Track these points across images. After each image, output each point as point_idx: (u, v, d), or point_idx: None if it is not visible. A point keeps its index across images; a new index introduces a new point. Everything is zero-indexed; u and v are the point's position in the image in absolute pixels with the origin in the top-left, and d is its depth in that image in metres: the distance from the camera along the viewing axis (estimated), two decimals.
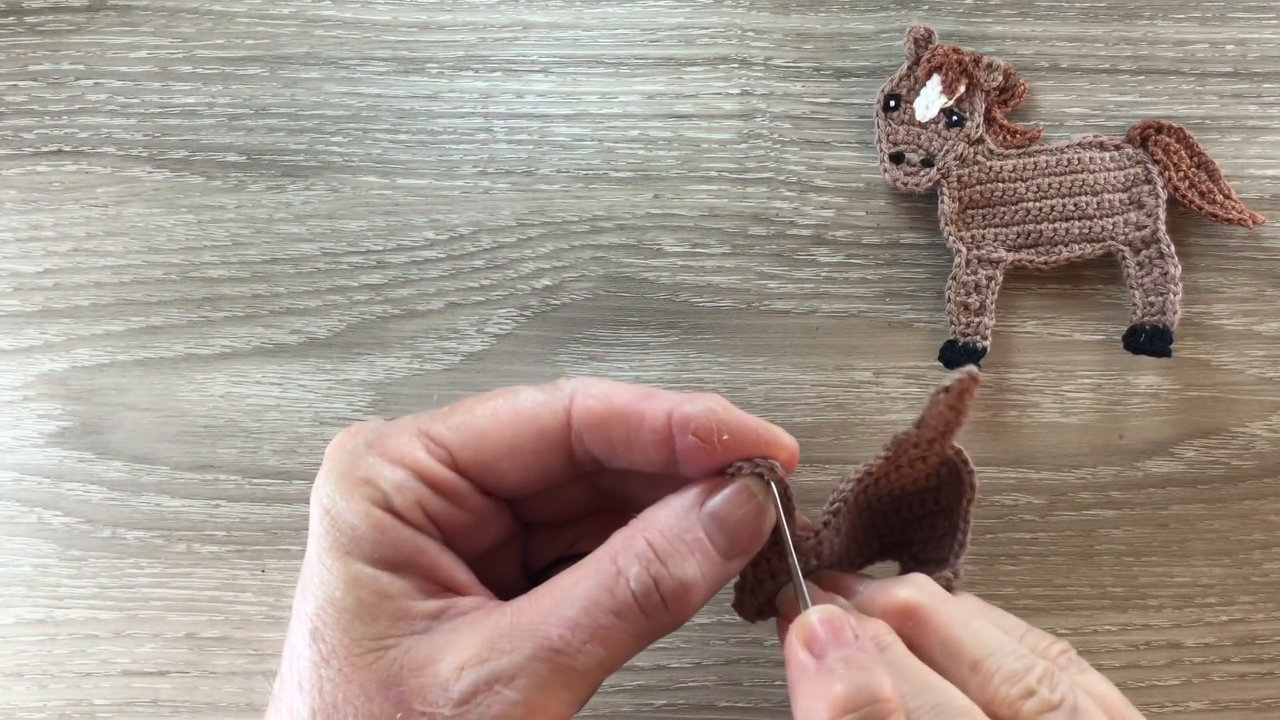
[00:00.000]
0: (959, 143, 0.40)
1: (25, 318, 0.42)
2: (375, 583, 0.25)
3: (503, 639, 0.25)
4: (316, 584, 0.25)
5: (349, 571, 0.25)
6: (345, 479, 0.26)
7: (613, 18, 0.42)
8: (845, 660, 0.25)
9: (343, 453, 0.27)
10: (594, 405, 0.27)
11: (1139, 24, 0.41)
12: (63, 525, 0.41)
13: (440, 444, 0.26)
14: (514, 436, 0.26)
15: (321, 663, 0.25)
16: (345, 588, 0.25)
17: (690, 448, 0.26)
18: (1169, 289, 0.39)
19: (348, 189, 0.42)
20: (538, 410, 0.27)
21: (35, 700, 0.41)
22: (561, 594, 0.25)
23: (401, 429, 0.27)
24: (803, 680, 0.25)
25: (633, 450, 0.27)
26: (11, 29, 0.42)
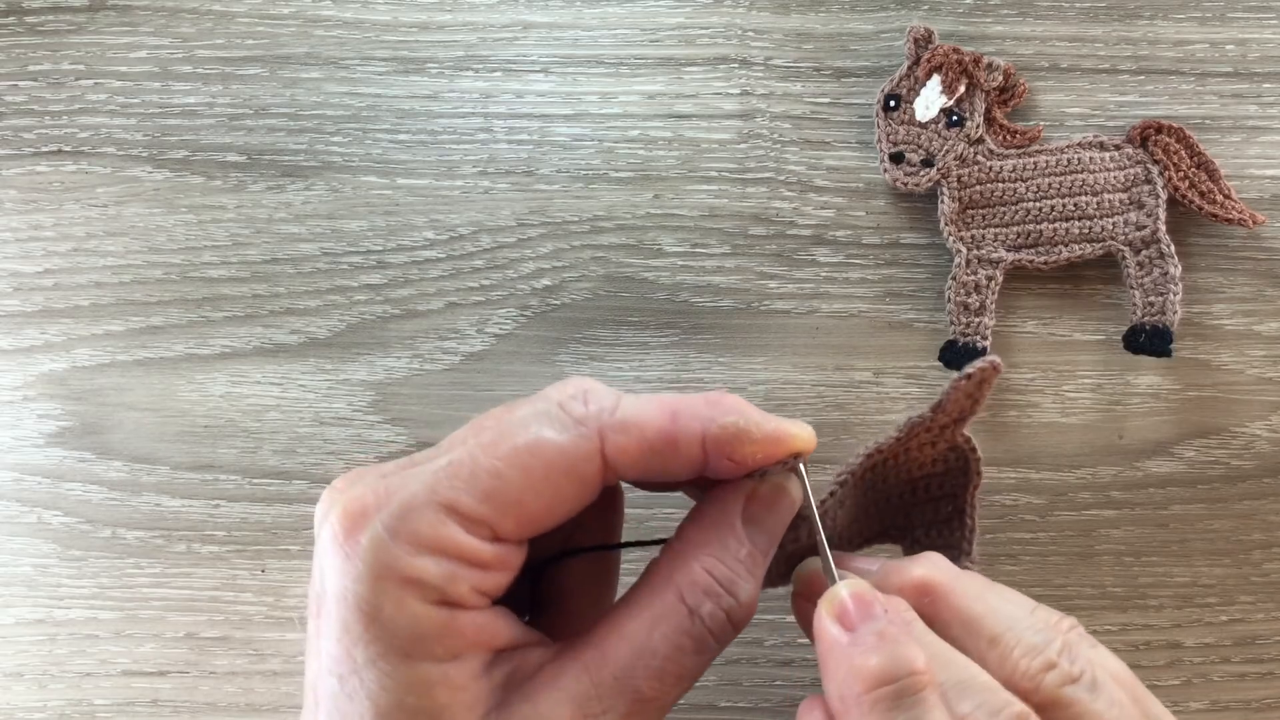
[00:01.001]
0: (959, 143, 0.40)
1: (25, 318, 0.42)
2: (445, 679, 0.24)
3: (592, 701, 0.24)
4: (376, 689, 0.23)
5: (416, 675, 0.23)
6: (384, 581, 0.23)
7: (613, 18, 0.42)
8: (878, 634, 0.25)
9: (364, 548, 0.24)
10: (628, 445, 0.25)
11: (1139, 24, 0.41)
12: (63, 525, 0.41)
13: (477, 520, 0.24)
14: (553, 494, 0.25)
15: None
16: (419, 691, 0.23)
17: (725, 469, 0.26)
18: (1169, 289, 0.39)
19: (348, 189, 0.42)
20: (573, 462, 0.25)
21: (35, 700, 0.41)
22: (639, 643, 0.25)
23: (422, 505, 0.24)
24: (834, 654, 0.25)
25: (665, 474, 0.26)
26: (11, 29, 0.42)
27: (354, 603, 0.23)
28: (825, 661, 0.25)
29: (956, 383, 0.28)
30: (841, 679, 0.24)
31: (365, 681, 0.23)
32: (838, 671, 0.25)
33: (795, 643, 0.41)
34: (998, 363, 0.28)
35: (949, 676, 0.24)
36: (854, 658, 0.24)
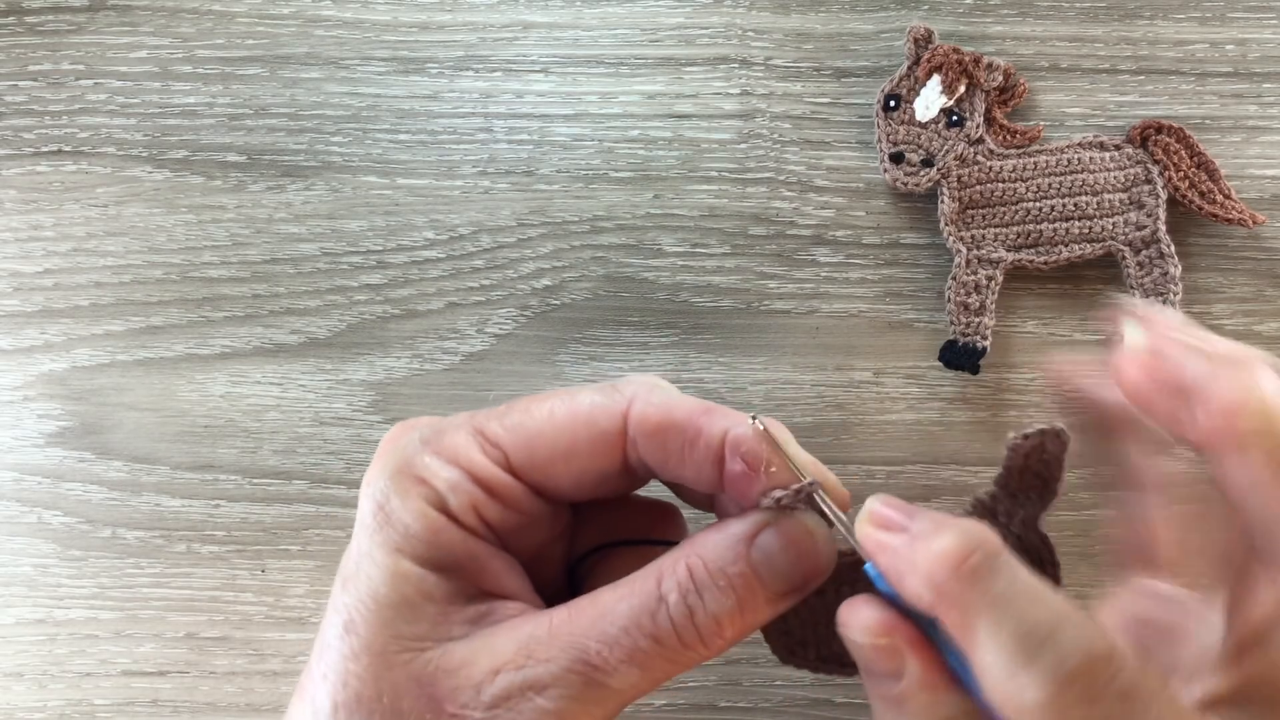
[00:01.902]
0: (959, 143, 0.40)
1: (25, 318, 0.42)
2: (422, 584, 0.25)
3: (540, 647, 0.24)
4: (362, 577, 0.25)
5: (397, 569, 0.25)
6: (401, 476, 0.25)
7: (613, 18, 0.42)
8: (932, 521, 0.24)
9: (397, 448, 0.26)
10: (652, 413, 0.26)
11: (1139, 24, 0.41)
12: (63, 525, 0.41)
13: (495, 444, 0.26)
14: (570, 439, 0.26)
15: (352, 657, 0.24)
16: (391, 585, 0.25)
17: (736, 474, 0.26)
18: (1169, 289, 0.39)
19: (348, 189, 0.42)
20: (595, 413, 0.26)
21: (35, 700, 0.41)
22: (604, 609, 0.25)
23: (458, 426, 0.26)
24: (901, 555, 0.24)
25: (685, 465, 0.26)
26: (11, 29, 0.42)
27: (372, 494, 0.25)
28: (895, 567, 0.24)
29: (1015, 444, 0.26)
30: (925, 571, 0.23)
31: (360, 567, 0.25)
32: (910, 572, 0.23)
33: None
34: (1063, 434, 0.26)
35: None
36: (927, 545, 0.23)
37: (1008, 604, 0.22)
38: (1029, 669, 0.21)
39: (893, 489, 0.41)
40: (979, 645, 0.22)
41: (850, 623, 0.25)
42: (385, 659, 0.24)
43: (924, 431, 0.41)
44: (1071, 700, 0.21)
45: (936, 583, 0.22)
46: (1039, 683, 0.21)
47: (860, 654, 0.25)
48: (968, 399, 0.41)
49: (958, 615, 0.22)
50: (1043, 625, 0.21)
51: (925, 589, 0.23)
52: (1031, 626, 0.21)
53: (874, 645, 0.24)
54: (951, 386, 0.41)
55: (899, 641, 0.24)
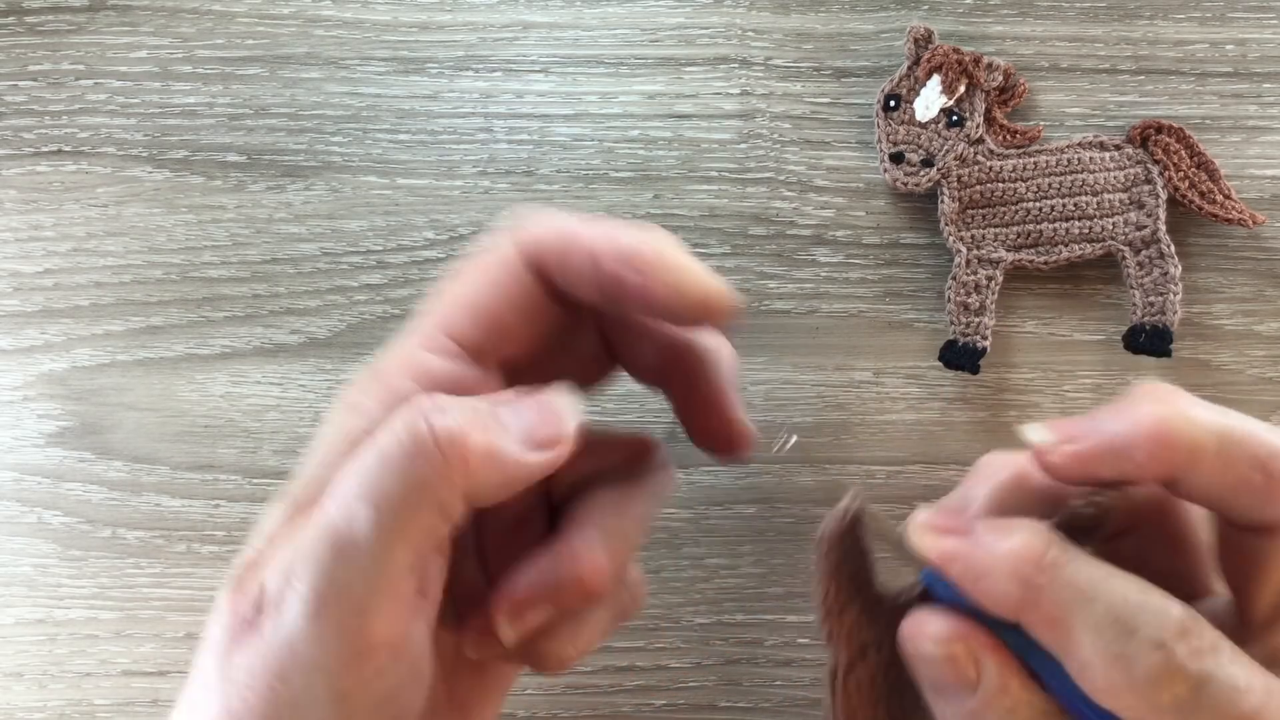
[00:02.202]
0: (959, 143, 0.40)
1: (25, 318, 0.42)
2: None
3: (297, 530, 0.22)
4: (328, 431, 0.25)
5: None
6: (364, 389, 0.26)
7: (613, 18, 0.42)
8: (990, 522, 0.23)
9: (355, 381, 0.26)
10: (538, 233, 0.25)
11: (1139, 24, 0.41)
12: (63, 525, 0.41)
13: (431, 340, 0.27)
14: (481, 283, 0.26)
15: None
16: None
17: (634, 283, 0.24)
18: (1169, 289, 0.39)
19: (348, 189, 0.42)
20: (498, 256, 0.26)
21: (35, 700, 0.41)
22: (344, 469, 0.22)
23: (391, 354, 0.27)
24: (973, 559, 0.23)
25: (570, 273, 0.25)
26: (11, 29, 0.42)
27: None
28: (969, 572, 0.23)
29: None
30: (1009, 571, 0.22)
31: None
32: (996, 569, 0.22)
33: (795, 643, 0.41)
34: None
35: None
36: (1004, 545, 0.22)
37: (1094, 589, 0.22)
38: (1133, 641, 0.21)
39: (893, 489, 0.41)
40: (1075, 635, 0.21)
41: (919, 633, 0.24)
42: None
43: (924, 431, 0.41)
44: (1180, 662, 0.21)
45: (1025, 579, 0.22)
46: (1146, 652, 0.21)
47: (932, 669, 0.24)
48: (968, 399, 0.41)
49: (1050, 609, 0.22)
50: (1131, 602, 0.21)
51: (1013, 587, 0.22)
52: (1121, 605, 0.21)
53: (948, 655, 0.23)
54: (951, 386, 0.41)
55: (975, 645, 0.23)
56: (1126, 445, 0.23)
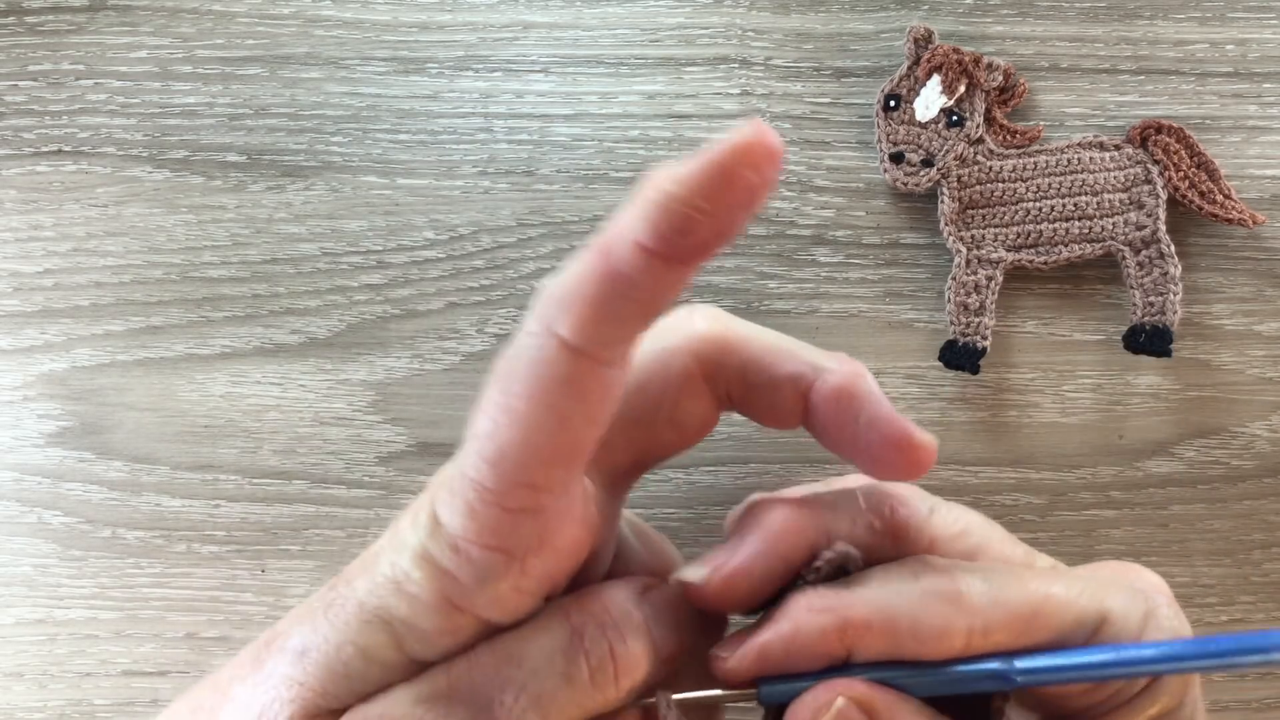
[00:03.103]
0: (959, 143, 0.40)
1: (25, 318, 0.42)
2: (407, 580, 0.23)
3: (440, 702, 0.22)
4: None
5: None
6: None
7: (613, 18, 0.42)
8: (762, 619, 0.24)
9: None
10: (717, 332, 0.25)
11: (1139, 24, 0.41)
12: (63, 525, 0.41)
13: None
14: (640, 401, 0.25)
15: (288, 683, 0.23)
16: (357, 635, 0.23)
17: (821, 420, 0.25)
18: (1169, 289, 0.39)
19: (348, 189, 0.42)
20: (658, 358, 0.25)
21: (35, 700, 0.41)
22: (507, 654, 0.22)
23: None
24: (776, 644, 0.23)
25: (767, 397, 0.25)
26: (11, 29, 0.42)
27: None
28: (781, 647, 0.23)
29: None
30: (805, 623, 0.23)
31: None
32: (798, 630, 0.23)
33: None
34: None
35: None
36: (786, 618, 0.24)
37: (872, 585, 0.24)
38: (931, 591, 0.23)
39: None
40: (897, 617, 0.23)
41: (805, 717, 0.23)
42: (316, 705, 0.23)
43: None
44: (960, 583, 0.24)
45: (825, 610, 0.23)
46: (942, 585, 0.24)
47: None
48: (968, 399, 0.41)
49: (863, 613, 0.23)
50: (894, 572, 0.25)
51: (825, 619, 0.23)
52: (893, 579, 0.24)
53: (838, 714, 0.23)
54: (951, 386, 0.41)
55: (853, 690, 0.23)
56: (770, 548, 0.24)
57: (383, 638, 0.22)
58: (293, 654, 0.23)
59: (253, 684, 0.23)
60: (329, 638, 0.23)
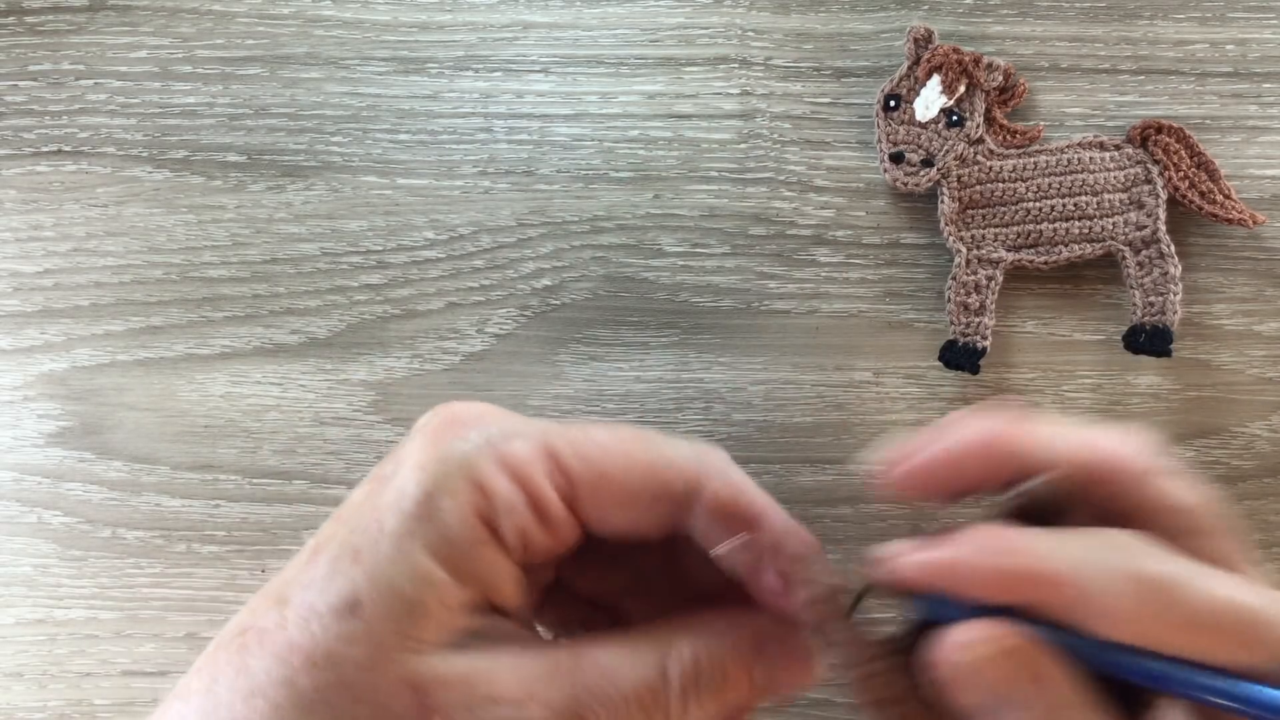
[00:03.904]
0: (959, 143, 0.40)
1: (25, 318, 0.42)
2: (444, 591, 0.24)
3: (541, 687, 0.23)
4: (382, 560, 0.24)
5: (422, 567, 0.24)
6: (459, 474, 0.24)
7: (613, 18, 0.42)
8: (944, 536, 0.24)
9: (454, 442, 0.25)
10: (725, 494, 0.25)
11: (1139, 24, 0.41)
12: (63, 525, 0.41)
13: (565, 473, 0.25)
14: (637, 492, 0.25)
15: (350, 640, 0.23)
16: (413, 581, 0.23)
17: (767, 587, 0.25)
18: (1169, 289, 0.39)
19: (348, 189, 0.42)
20: (667, 468, 0.25)
21: (35, 700, 0.41)
22: (608, 669, 0.24)
23: (529, 436, 0.25)
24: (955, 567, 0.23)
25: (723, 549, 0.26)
26: (11, 29, 0.42)
27: (422, 480, 0.24)
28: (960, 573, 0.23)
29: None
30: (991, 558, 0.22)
31: (383, 550, 0.24)
32: (983, 561, 0.22)
33: None
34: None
35: None
36: (973, 543, 0.23)
37: (1065, 543, 0.22)
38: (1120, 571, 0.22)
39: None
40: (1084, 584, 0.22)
41: (955, 650, 0.23)
42: (386, 653, 0.23)
43: None
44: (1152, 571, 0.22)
45: (1013, 551, 0.22)
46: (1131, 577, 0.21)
47: (990, 677, 0.22)
48: (968, 399, 0.41)
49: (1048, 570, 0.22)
50: (1094, 542, 0.22)
51: (1011, 561, 0.22)
52: (1089, 549, 0.22)
53: (1004, 649, 0.22)
54: (951, 386, 0.41)
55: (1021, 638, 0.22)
56: (957, 459, 0.24)
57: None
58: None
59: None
60: None
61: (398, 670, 0.23)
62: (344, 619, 0.23)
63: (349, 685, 0.23)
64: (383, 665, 0.23)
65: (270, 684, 0.23)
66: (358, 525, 0.24)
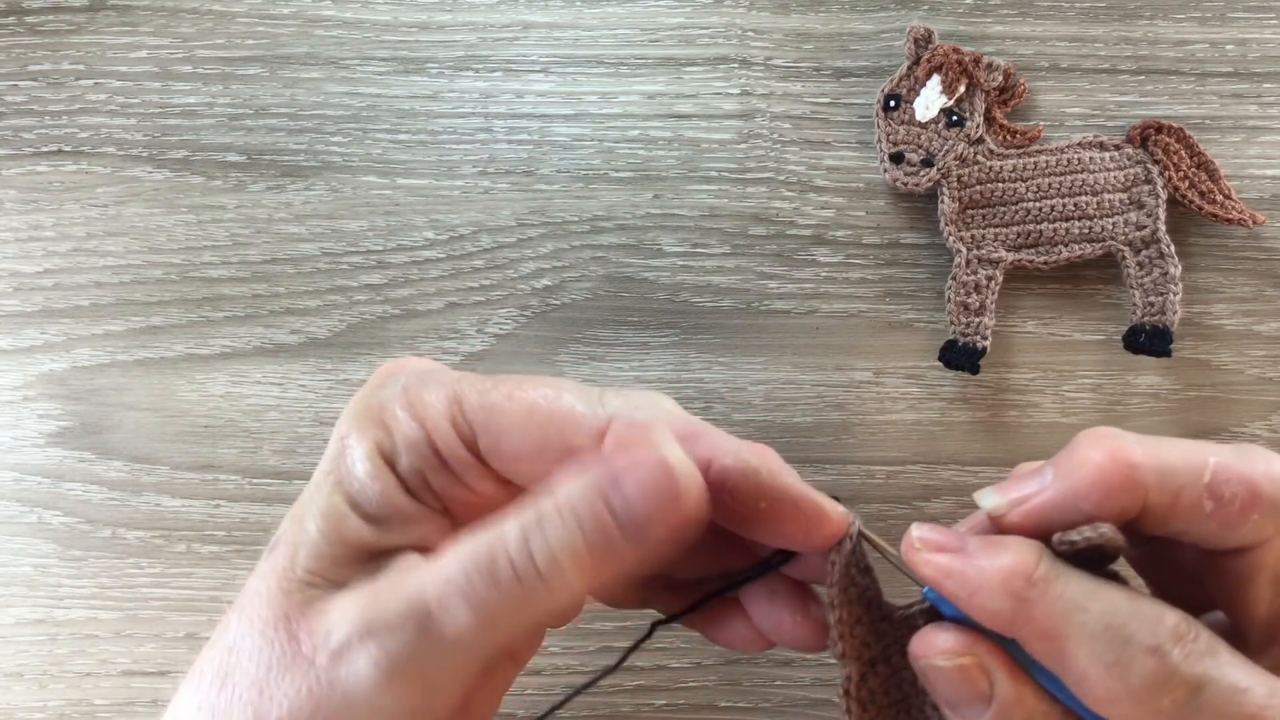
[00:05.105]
0: (959, 143, 0.40)
1: (25, 318, 0.42)
2: (345, 525, 0.24)
3: (385, 592, 0.23)
4: (307, 504, 0.25)
5: (331, 506, 0.24)
6: (366, 416, 0.25)
7: (613, 18, 0.42)
8: (982, 539, 0.23)
9: (380, 387, 0.26)
10: (624, 433, 0.24)
11: (1139, 24, 0.41)
12: (63, 525, 0.41)
13: (467, 419, 0.25)
14: (539, 440, 0.25)
15: (258, 578, 0.24)
16: (321, 519, 0.24)
17: (723, 509, 0.24)
18: (1169, 289, 0.39)
19: (348, 189, 0.42)
20: (570, 422, 0.25)
21: (35, 700, 0.41)
22: (451, 553, 0.23)
23: (441, 384, 0.26)
24: (966, 575, 0.23)
25: None
26: (11, 29, 0.42)
27: (339, 427, 0.26)
28: (962, 589, 0.23)
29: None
30: (1000, 586, 0.22)
31: (307, 496, 0.25)
32: (989, 584, 0.23)
33: None
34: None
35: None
36: (994, 561, 0.23)
37: (1086, 600, 0.22)
38: (1128, 649, 0.21)
39: (893, 489, 0.41)
40: (1069, 647, 0.22)
41: (926, 650, 0.24)
42: (284, 588, 0.24)
43: (924, 431, 0.41)
44: (1175, 665, 0.21)
45: (1015, 593, 0.22)
46: (1142, 658, 0.21)
47: (945, 683, 0.24)
48: (968, 399, 0.41)
49: (1042, 622, 0.22)
50: (1123, 610, 0.22)
51: (1004, 603, 0.22)
52: (1113, 613, 0.22)
53: (959, 666, 0.23)
54: (951, 386, 0.41)
55: (985, 657, 0.23)
56: (1073, 498, 0.23)
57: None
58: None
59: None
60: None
61: (290, 602, 0.24)
62: (265, 558, 0.25)
63: (254, 619, 0.24)
64: (280, 599, 0.24)
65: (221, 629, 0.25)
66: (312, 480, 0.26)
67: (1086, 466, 0.23)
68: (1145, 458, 0.23)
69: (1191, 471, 0.23)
